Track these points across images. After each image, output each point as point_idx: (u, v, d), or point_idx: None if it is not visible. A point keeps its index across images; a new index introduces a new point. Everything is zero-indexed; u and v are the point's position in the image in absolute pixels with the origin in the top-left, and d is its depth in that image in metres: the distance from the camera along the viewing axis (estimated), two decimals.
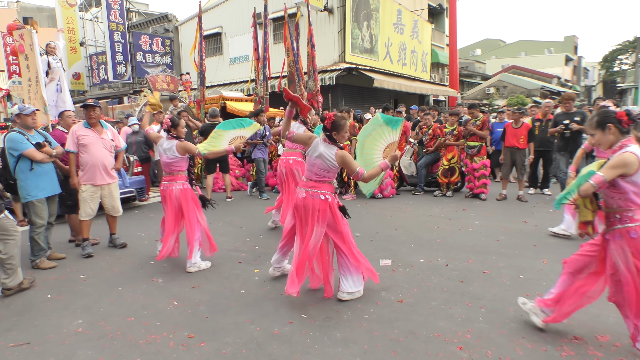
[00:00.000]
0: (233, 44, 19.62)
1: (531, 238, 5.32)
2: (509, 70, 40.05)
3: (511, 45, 56.90)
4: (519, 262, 4.46)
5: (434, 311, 3.40)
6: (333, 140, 3.56)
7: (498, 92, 33.01)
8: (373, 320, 3.29)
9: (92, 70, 24.17)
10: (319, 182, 3.57)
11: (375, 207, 7.46)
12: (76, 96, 23.76)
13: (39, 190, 4.67)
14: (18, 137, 4.54)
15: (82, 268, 4.72)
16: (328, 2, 16.28)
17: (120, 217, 5.50)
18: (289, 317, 3.37)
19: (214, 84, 19.47)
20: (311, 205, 3.51)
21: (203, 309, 3.56)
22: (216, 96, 12.16)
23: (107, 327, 3.31)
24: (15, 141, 4.50)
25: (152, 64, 21.51)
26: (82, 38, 23.69)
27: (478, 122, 7.80)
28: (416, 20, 21.10)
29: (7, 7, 35.18)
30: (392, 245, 5.23)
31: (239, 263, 4.70)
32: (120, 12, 20.98)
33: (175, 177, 4.66)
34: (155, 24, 23.10)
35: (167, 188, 4.64)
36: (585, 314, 3.22)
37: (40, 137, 4.80)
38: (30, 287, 4.12)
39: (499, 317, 3.27)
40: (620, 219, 2.72)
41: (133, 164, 8.08)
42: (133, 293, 3.96)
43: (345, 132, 3.58)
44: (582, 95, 40.64)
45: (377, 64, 17.92)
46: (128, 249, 5.38)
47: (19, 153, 4.51)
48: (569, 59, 48.87)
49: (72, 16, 23.20)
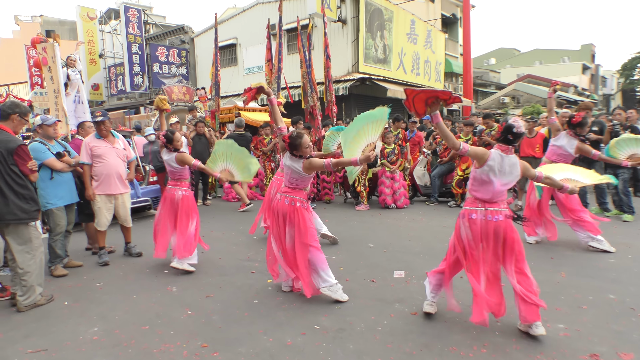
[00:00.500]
0: (247, 55, 19.86)
1: (548, 250, 5.23)
2: (524, 79, 39.69)
3: (526, 54, 56.47)
4: (536, 275, 4.33)
5: (448, 324, 3.36)
6: (296, 155, 3.83)
7: (513, 101, 32.72)
8: (387, 332, 3.26)
9: (110, 81, 24.71)
10: (293, 189, 3.90)
11: (388, 217, 7.42)
12: (94, 106, 24.26)
13: (58, 199, 4.77)
14: (40, 147, 4.66)
15: (98, 276, 4.78)
16: (342, 13, 16.41)
17: (135, 226, 5.58)
18: (302, 327, 3.36)
19: (229, 94, 19.70)
20: (285, 209, 3.84)
21: (216, 319, 3.57)
22: (230, 106, 12.30)
23: (122, 335, 3.34)
24: (37, 151, 4.60)
25: (168, 74, 21.91)
26: (101, 50, 24.29)
27: (493, 132, 7.72)
28: (430, 30, 21.11)
29: (31, 21, 36.28)
30: (405, 256, 5.19)
31: (252, 273, 4.71)
32: (139, 24, 21.48)
33: (179, 184, 4.99)
34: (172, 36, 23.54)
35: (170, 192, 4.96)
36: (607, 330, 3.15)
37: (60, 147, 4.93)
38: (47, 304, 4.01)
39: (515, 331, 3.21)
40: None
41: (149, 173, 8.19)
42: (148, 301, 4.00)
43: (304, 147, 3.78)
44: (600, 104, 40.04)
45: (390, 74, 17.94)
46: (143, 258, 5.43)
47: (40, 162, 4.60)
48: (586, 67, 48.26)
49: (92, 29, 23.82)
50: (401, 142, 8.51)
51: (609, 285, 4.02)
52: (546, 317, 3.37)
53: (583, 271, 4.44)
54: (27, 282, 3.86)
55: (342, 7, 16.40)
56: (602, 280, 4.15)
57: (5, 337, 3.36)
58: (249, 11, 19.55)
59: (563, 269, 4.51)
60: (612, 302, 3.65)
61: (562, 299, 3.73)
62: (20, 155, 3.76)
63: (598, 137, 6.98)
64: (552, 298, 3.77)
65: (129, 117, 16.39)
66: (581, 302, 3.68)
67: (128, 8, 21.26)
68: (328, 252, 5.35)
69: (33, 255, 3.93)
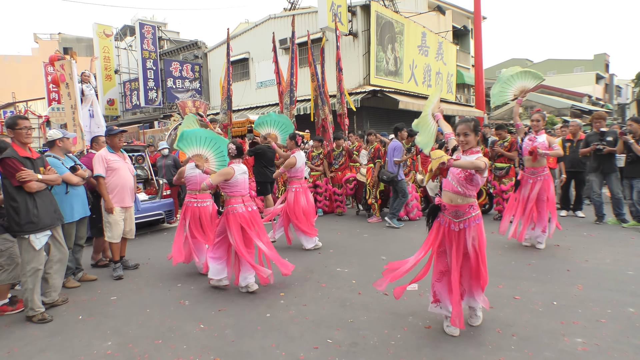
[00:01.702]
0: (260, 69, 20.11)
1: (564, 262, 5.13)
2: (537, 89, 39.40)
3: (539, 64, 56.12)
4: (552, 288, 4.30)
5: (463, 338, 3.31)
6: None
7: (526, 111, 32.47)
8: (400, 346, 3.22)
9: (125, 96, 25.16)
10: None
11: (401, 229, 7.38)
12: (110, 121, 24.72)
13: (74, 212, 4.84)
14: (56, 162, 4.73)
15: (112, 290, 4.83)
16: (352, 27, 16.55)
17: (148, 239, 5.63)
18: (315, 342, 3.34)
19: (241, 107, 19.92)
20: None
21: (229, 332, 3.57)
22: (243, 120, 12.41)
23: (135, 349, 3.35)
24: (55, 166, 4.63)
25: (181, 89, 22.26)
26: (117, 66, 24.78)
27: (506, 143, 7.62)
28: (441, 42, 21.16)
29: (50, 38, 37.32)
30: (418, 268, 5.13)
31: (264, 286, 4.71)
32: (153, 40, 21.90)
33: (201, 195, 5.34)
34: (186, 51, 23.95)
35: (195, 204, 5.30)
36: (627, 345, 3.07)
37: (71, 161, 5.02)
38: (43, 320, 3.96)
39: (531, 345, 3.15)
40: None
41: (162, 187, 8.28)
42: (161, 315, 4.01)
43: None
44: (615, 114, 39.52)
45: (402, 86, 17.98)
46: (155, 271, 5.47)
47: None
48: (599, 77, 47.78)
49: (108, 45, 24.37)
50: (413, 156, 8.49)
51: (628, 299, 3.92)
52: (564, 331, 3.31)
53: (600, 284, 4.35)
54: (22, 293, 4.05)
55: (353, 20, 16.55)
56: (621, 293, 4.06)
57: (20, 352, 3.40)
58: (261, 26, 19.85)
59: (580, 282, 4.43)
60: (632, 316, 3.57)
61: (579, 312, 3.65)
62: (5, 168, 3.80)
63: (611, 149, 6.88)
64: (569, 311, 3.70)
65: (144, 132, 16.62)
66: (599, 315, 3.60)
67: (143, 25, 21.72)
68: (341, 265, 5.35)
69: (7, 270, 4.15)
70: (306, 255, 5.95)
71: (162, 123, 19.24)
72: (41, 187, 3.98)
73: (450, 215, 3.35)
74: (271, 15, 19.42)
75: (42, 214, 3.96)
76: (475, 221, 3.31)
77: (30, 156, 3.99)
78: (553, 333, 3.29)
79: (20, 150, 3.92)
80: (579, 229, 6.92)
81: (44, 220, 3.97)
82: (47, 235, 4.03)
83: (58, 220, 4.23)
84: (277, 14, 19.36)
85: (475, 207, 3.33)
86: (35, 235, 3.91)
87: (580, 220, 7.64)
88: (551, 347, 3.10)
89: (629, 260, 5.09)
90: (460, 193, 3.27)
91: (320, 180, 9.20)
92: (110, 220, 5.21)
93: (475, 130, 3.32)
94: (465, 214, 3.29)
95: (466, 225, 3.29)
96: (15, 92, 32.27)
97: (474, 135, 3.31)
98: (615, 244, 5.87)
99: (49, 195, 4.19)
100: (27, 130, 3.97)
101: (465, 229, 3.30)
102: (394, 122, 18.20)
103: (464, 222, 3.29)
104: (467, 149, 3.33)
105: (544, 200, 5.68)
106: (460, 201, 3.29)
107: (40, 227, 3.94)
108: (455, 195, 3.30)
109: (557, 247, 5.85)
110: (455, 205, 3.31)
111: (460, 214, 3.31)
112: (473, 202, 3.33)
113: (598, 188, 7.18)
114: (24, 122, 3.95)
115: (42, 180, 3.98)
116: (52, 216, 4.09)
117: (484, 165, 3.07)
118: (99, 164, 5.15)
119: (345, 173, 9.08)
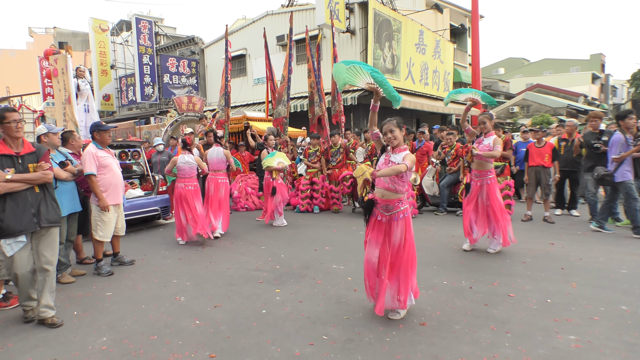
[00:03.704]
0: (257, 65, 20.07)
1: (559, 261, 5.17)
2: (534, 88, 39.58)
3: (535, 63, 56.34)
4: (547, 286, 4.33)
5: (457, 335, 3.33)
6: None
7: (522, 110, 32.60)
8: (395, 343, 3.23)
9: (121, 92, 25.04)
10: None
11: None
12: (105, 116, 24.61)
13: (62, 208, 4.78)
14: None
15: (107, 285, 4.81)
16: (350, 24, 16.54)
17: (144, 235, 5.61)
18: (310, 338, 3.35)
19: (238, 104, 19.87)
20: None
21: (224, 329, 3.57)
22: (240, 116, 12.39)
23: (130, 345, 3.35)
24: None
25: (178, 85, 22.17)
26: (113, 61, 24.64)
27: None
28: (438, 41, 21.17)
29: (45, 32, 37.06)
30: None
31: (260, 283, 4.71)
32: (150, 36, 21.80)
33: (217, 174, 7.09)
34: (182, 47, 23.85)
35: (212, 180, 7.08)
36: (619, 342, 3.10)
37: (62, 156, 4.97)
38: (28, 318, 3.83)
39: (525, 342, 3.17)
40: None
41: (158, 183, 8.25)
42: (156, 311, 4.01)
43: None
44: (610, 114, 39.69)
45: (399, 84, 17.99)
46: (151, 267, 5.46)
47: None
48: (595, 77, 48.02)
49: (104, 40, 24.23)
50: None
51: (621, 297, 3.96)
52: (557, 329, 3.34)
53: (594, 282, 4.39)
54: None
55: (350, 18, 16.54)
56: (614, 291, 4.10)
57: (14, 347, 3.38)
58: (258, 22, 19.80)
59: (574, 280, 4.46)
60: (624, 314, 3.60)
61: (573, 310, 3.68)
62: None
63: (607, 149, 6.90)
64: (563, 309, 3.73)
65: (139, 127, 16.54)
66: (592, 313, 3.62)
67: (140, 20, 21.61)
68: (337, 262, 5.36)
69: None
70: (302, 252, 5.96)
71: (158, 119, 19.18)
72: (13, 188, 3.52)
73: (381, 209, 3.60)
74: (269, 11, 19.37)
75: (10, 218, 3.51)
76: (403, 215, 3.56)
77: (12, 153, 3.60)
78: (547, 330, 3.32)
79: (2, 147, 3.58)
80: (574, 227, 6.96)
81: (11, 227, 3.51)
82: (20, 242, 3.61)
83: (35, 225, 3.66)
84: (275, 11, 19.31)
85: (404, 202, 3.59)
86: (5, 241, 3.54)
87: (574, 219, 7.70)
88: (545, 344, 3.13)
89: (622, 259, 5.13)
90: (390, 189, 3.53)
91: (317, 177, 9.20)
92: (104, 218, 5.12)
93: (399, 126, 3.59)
94: (395, 207, 3.55)
95: (395, 218, 3.55)
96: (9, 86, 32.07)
97: (399, 130, 3.57)
98: (609, 243, 5.91)
99: (31, 196, 3.67)
100: (17, 124, 3.60)
101: (393, 222, 3.55)
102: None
103: (394, 215, 3.55)
104: (395, 145, 3.58)
105: (488, 205, 5.47)
106: (390, 196, 3.55)
107: (7, 234, 3.52)
108: (386, 191, 3.55)
109: (551, 245, 5.89)
110: (386, 200, 3.57)
111: (390, 208, 3.57)
112: (402, 197, 3.59)
113: (593, 187, 7.22)
114: (12, 115, 3.59)
115: (14, 179, 3.53)
116: (25, 220, 3.59)
117: (405, 167, 3.33)
118: (90, 161, 4.95)
119: (342, 170, 9.09)
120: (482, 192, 5.52)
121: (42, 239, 3.78)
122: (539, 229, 6.93)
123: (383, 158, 3.62)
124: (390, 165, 3.49)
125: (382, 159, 3.64)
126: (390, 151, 3.60)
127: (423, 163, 9.38)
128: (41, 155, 3.82)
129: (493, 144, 5.37)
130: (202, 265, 5.44)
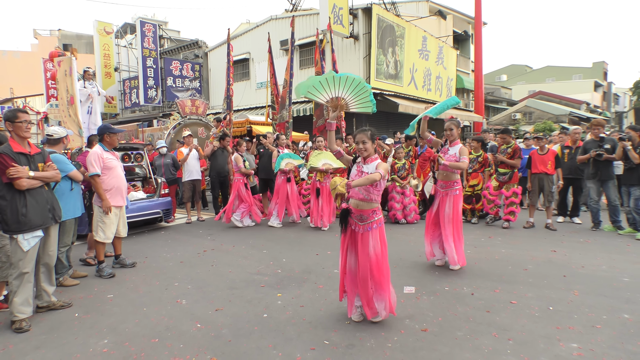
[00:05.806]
0: (260, 69, 20.12)
1: (561, 268, 5.15)
2: (536, 95, 39.58)
3: (538, 70, 56.38)
4: (549, 293, 4.32)
5: (459, 341, 3.32)
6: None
7: (525, 117, 32.58)
8: (396, 349, 3.23)
9: (125, 94, 25.12)
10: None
11: (399, 233, 7.39)
12: (108, 119, 24.67)
13: (76, 210, 4.82)
14: (64, 159, 4.67)
15: (108, 288, 4.82)
16: (354, 29, 16.58)
17: (145, 238, 5.62)
18: (312, 343, 3.35)
19: (241, 107, 19.92)
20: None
21: (226, 332, 3.57)
22: (242, 120, 12.41)
23: (131, 347, 3.35)
24: (61, 162, 4.56)
25: (181, 88, 22.24)
26: (117, 64, 24.74)
27: (509, 149, 7.53)
28: (441, 47, 21.21)
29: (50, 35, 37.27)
30: (416, 272, 5.15)
31: (261, 287, 4.71)
32: (154, 39, 21.89)
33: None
34: (186, 50, 23.94)
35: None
36: (621, 351, 3.09)
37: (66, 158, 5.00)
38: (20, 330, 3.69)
39: (527, 350, 3.16)
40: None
41: (161, 186, 8.27)
42: (158, 314, 4.01)
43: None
44: (613, 122, 39.71)
45: (401, 90, 18.01)
46: (152, 270, 5.46)
47: (65, 174, 4.59)
48: (598, 84, 48.03)
49: (108, 43, 24.33)
50: (411, 159, 8.51)
51: (623, 305, 3.94)
52: (559, 336, 3.33)
53: (596, 290, 4.37)
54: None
55: (354, 23, 16.58)
56: (616, 300, 4.08)
57: (15, 349, 3.38)
58: (262, 26, 19.87)
59: (576, 287, 4.45)
60: (627, 322, 3.58)
61: (575, 318, 3.67)
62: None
63: (610, 156, 6.91)
64: (565, 317, 3.72)
65: (143, 130, 16.59)
66: (595, 321, 3.61)
67: (144, 23, 21.71)
68: (338, 267, 5.34)
69: (2, 267, 4.02)
70: (304, 256, 5.95)
71: (161, 122, 19.20)
72: (33, 185, 3.75)
73: (356, 218, 3.61)
74: (272, 16, 19.45)
75: (32, 213, 3.72)
76: (377, 225, 3.58)
77: (26, 152, 3.79)
78: (549, 338, 3.31)
79: (16, 145, 3.73)
80: (576, 235, 6.95)
81: (33, 221, 3.73)
82: (37, 237, 3.80)
83: (52, 220, 3.96)
84: (279, 15, 19.39)
85: (378, 212, 3.61)
86: (23, 236, 3.69)
87: (577, 226, 7.67)
88: (547, 352, 3.12)
89: (624, 267, 5.12)
90: (364, 199, 3.55)
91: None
92: (105, 220, 5.14)
93: (372, 138, 3.60)
94: (369, 218, 3.57)
95: (369, 228, 3.56)
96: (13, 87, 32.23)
97: (371, 143, 3.59)
98: (612, 251, 5.90)
99: (45, 193, 3.92)
100: (27, 124, 3.78)
101: (368, 232, 3.56)
102: (394, 125, 18.32)
103: (367, 225, 3.57)
104: (366, 156, 3.61)
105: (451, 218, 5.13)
106: (364, 206, 3.57)
107: (28, 228, 3.70)
108: (361, 201, 3.57)
109: (553, 252, 5.88)
110: (360, 210, 3.58)
111: (364, 218, 3.58)
112: (376, 208, 3.61)
113: (595, 195, 7.20)
114: (24, 116, 3.78)
115: (35, 177, 3.75)
116: (44, 215, 3.84)
117: (379, 176, 3.36)
118: (95, 162, 5.03)
119: (345, 175, 9.08)
120: (447, 204, 5.14)
121: (51, 233, 4.12)
122: (541, 236, 6.92)
123: (355, 169, 3.67)
124: (363, 175, 3.51)
125: (354, 169, 3.68)
126: (362, 162, 3.63)
127: (425, 169, 9.38)
128: (46, 156, 4.08)
129: (459, 154, 5.05)
130: (204, 269, 5.45)
